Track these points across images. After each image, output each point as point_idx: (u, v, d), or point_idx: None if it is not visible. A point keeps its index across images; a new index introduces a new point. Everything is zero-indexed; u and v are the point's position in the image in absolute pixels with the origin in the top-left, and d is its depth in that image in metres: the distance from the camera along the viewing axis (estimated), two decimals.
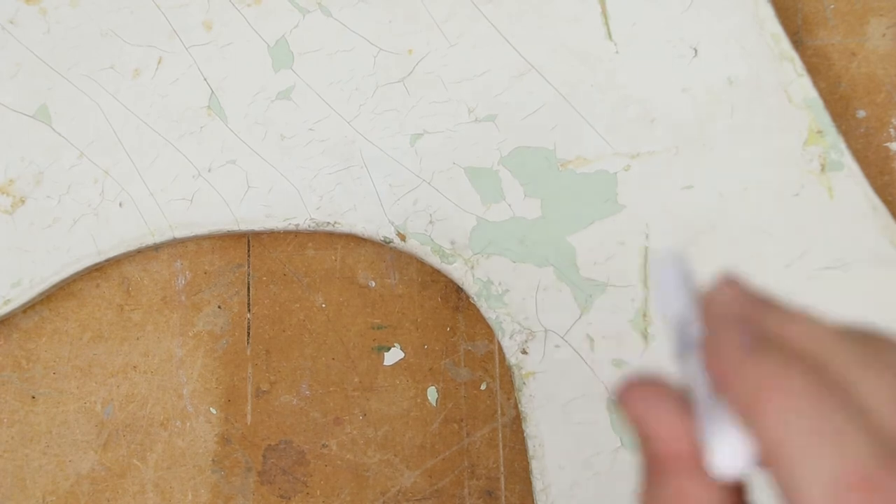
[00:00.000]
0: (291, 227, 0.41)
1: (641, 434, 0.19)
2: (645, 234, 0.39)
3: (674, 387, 0.19)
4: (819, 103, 0.39)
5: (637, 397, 0.19)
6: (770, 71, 0.40)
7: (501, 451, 0.41)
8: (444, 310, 0.42)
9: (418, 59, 0.41)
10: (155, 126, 0.41)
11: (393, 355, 0.42)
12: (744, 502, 0.18)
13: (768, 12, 0.40)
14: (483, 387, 0.41)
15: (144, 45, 0.42)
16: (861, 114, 0.42)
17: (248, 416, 0.41)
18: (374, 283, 0.42)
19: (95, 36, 0.42)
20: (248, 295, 0.42)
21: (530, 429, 0.39)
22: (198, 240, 0.42)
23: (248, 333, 0.42)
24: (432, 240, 0.40)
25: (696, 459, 0.18)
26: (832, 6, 0.42)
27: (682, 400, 0.19)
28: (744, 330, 0.18)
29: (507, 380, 0.41)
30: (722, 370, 0.18)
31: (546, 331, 0.39)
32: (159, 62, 0.42)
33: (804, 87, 0.40)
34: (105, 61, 0.42)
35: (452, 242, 0.40)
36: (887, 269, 0.39)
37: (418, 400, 0.41)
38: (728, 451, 0.18)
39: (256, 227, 0.41)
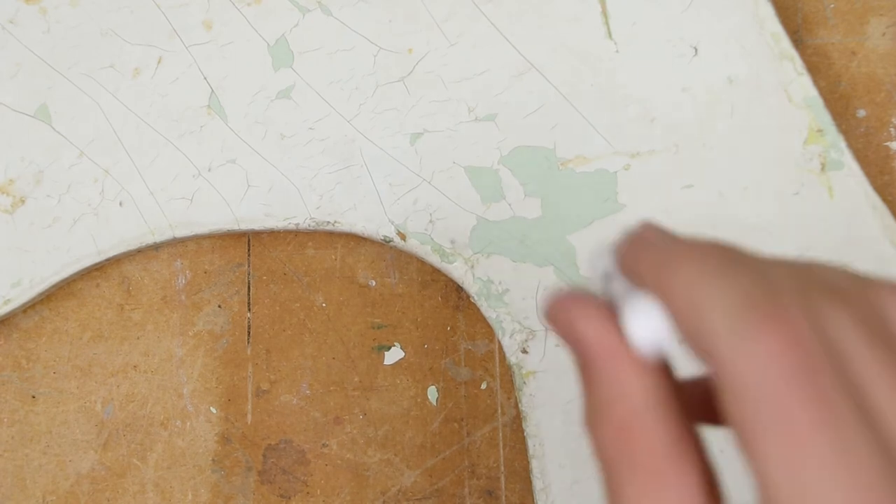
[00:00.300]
0: (291, 227, 0.41)
1: (571, 340, 0.20)
2: None
3: (597, 296, 0.21)
4: (819, 102, 0.39)
5: (564, 307, 0.20)
6: (770, 70, 0.40)
7: (502, 451, 0.41)
8: (444, 309, 0.42)
9: (418, 59, 0.41)
10: (155, 125, 0.41)
11: (393, 355, 0.41)
12: (672, 388, 0.20)
13: (768, 11, 0.40)
14: (483, 386, 0.41)
15: (144, 45, 0.42)
16: (861, 113, 0.42)
17: (249, 416, 0.41)
18: (374, 283, 0.42)
19: (95, 35, 0.42)
20: (249, 294, 0.42)
21: (530, 428, 0.39)
22: (198, 239, 0.42)
23: (249, 333, 0.42)
24: (432, 239, 0.40)
25: (625, 351, 0.20)
26: (832, 5, 0.42)
27: (605, 305, 0.20)
28: (655, 234, 0.20)
29: (507, 379, 0.41)
30: (635, 263, 0.20)
31: (546, 330, 0.39)
32: (159, 61, 0.42)
33: (804, 87, 0.40)
34: (105, 61, 0.42)
35: (452, 242, 0.40)
36: (887, 269, 0.39)
37: (418, 399, 0.41)
38: (645, 323, 0.19)
39: (256, 226, 0.41)
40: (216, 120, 0.41)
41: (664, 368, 0.20)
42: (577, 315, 0.20)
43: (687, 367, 0.21)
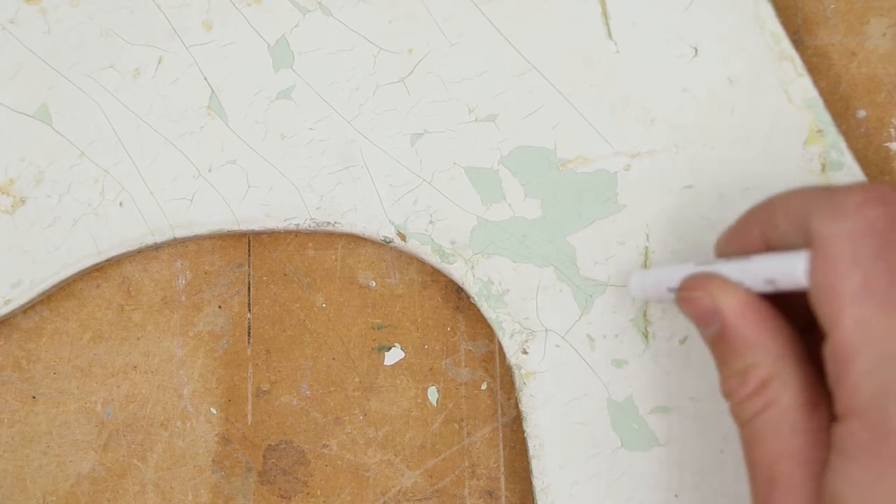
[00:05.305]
0: (292, 227, 0.41)
1: (705, 314, 0.30)
2: (645, 234, 0.39)
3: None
4: (819, 103, 0.40)
5: (700, 285, 0.30)
6: (770, 71, 0.40)
7: (502, 451, 0.41)
8: (444, 310, 0.42)
9: (418, 59, 0.41)
10: (155, 126, 0.42)
11: (393, 355, 0.42)
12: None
13: (768, 12, 0.40)
14: (483, 387, 0.41)
15: (144, 45, 0.42)
16: (861, 113, 0.42)
17: (249, 416, 0.41)
18: (374, 283, 0.42)
19: (95, 36, 0.42)
20: (249, 295, 0.42)
21: (530, 429, 0.39)
22: (198, 239, 0.42)
23: (249, 333, 0.42)
24: (432, 240, 0.40)
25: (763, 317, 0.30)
26: (832, 6, 0.42)
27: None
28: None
29: (507, 380, 0.41)
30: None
31: (546, 330, 0.39)
32: (159, 62, 0.42)
33: (804, 87, 0.40)
34: (105, 61, 0.42)
35: (453, 242, 0.40)
36: None
37: (418, 400, 0.41)
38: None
39: (256, 226, 0.41)
40: (216, 120, 0.41)
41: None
42: (717, 290, 0.28)
43: None
